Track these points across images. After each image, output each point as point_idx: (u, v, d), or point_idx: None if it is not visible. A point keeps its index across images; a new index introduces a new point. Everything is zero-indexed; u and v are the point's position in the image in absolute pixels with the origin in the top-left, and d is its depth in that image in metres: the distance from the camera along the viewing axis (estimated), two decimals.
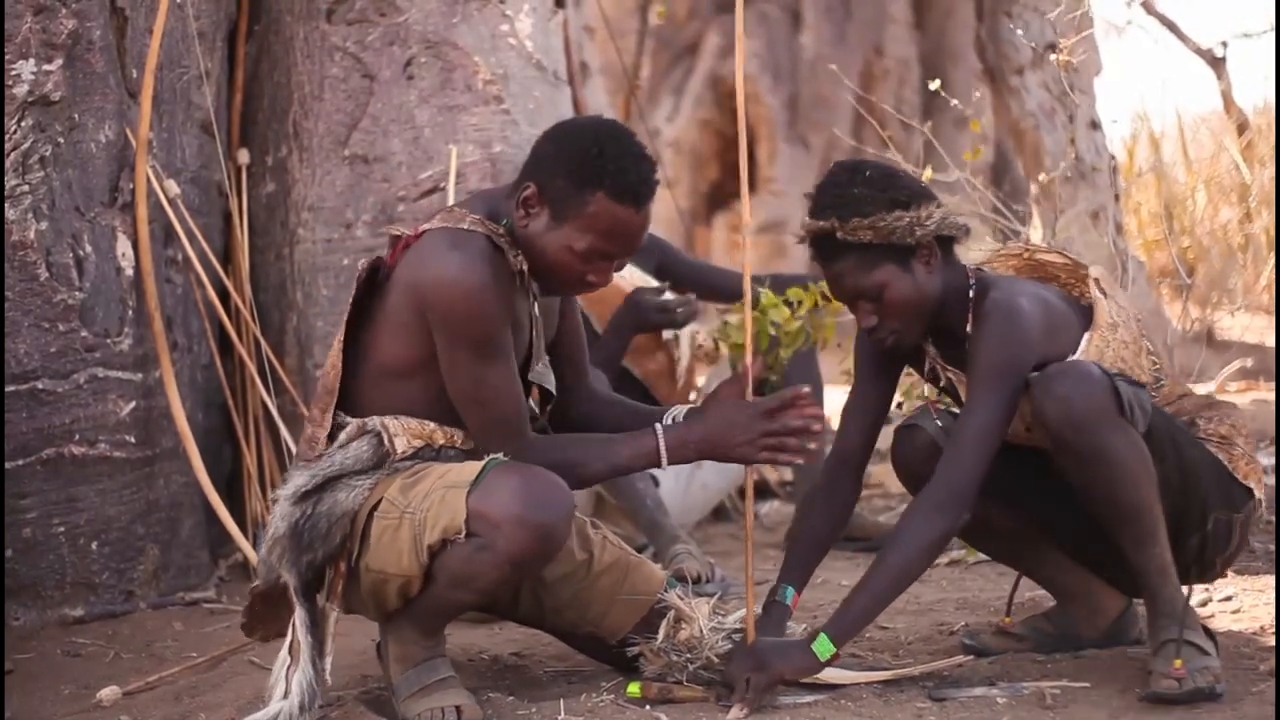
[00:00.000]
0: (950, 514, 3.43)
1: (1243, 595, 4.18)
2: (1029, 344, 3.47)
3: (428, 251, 3.37)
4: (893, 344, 3.62)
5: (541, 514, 3.25)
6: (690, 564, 4.75)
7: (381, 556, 3.36)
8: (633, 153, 3.36)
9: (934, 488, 3.45)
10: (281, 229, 5.55)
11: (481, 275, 3.31)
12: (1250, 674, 3.55)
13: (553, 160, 3.39)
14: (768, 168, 13.01)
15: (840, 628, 3.46)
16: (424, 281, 3.35)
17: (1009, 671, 3.66)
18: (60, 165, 4.66)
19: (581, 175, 3.33)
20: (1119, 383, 3.40)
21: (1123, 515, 3.42)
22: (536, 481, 3.28)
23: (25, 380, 4.57)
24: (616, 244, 3.38)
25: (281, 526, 3.37)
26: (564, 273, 3.41)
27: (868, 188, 3.51)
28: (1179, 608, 3.45)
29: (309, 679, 3.39)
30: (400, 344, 3.42)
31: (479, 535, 3.26)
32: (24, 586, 4.59)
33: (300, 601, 3.40)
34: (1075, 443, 3.37)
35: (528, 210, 3.40)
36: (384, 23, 5.50)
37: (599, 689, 3.60)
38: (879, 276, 3.52)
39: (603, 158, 3.33)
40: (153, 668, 4.18)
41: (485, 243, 3.37)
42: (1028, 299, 3.54)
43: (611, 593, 3.69)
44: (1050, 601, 3.98)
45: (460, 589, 3.35)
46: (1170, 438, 3.53)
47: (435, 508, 3.30)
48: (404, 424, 3.44)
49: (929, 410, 3.78)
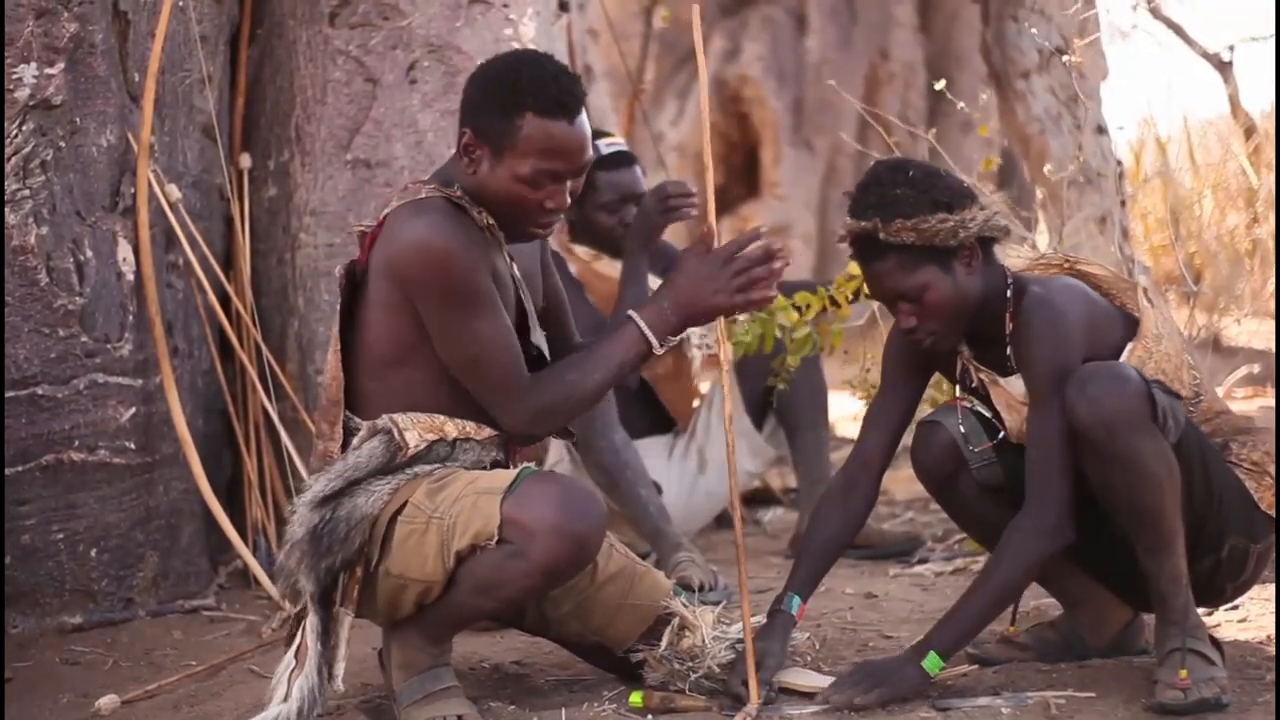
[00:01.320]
0: (1057, 535, 3.45)
1: (1249, 604, 4.16)
2: (1076, 343, 3.47)
3: (394, 228, 3.38)
4: (931, 345, 3.60)
5: (579, 523, 3.25)
6: (693, 572, 4.74)
7: (404, 561, 3.35)
8: (550, 70, 3.39)
9: (1038, 507, 3.44)
10: (283, 234, 5.54)
11: (448, 232, 3.32)
12: (1256, 684, 3.54)
13: (478, 100, 3.41)
14: (772, 171, 13.02)
15: (946, 643, 3.48)
16: (396, 255, 3.35)
17: (1014, 681, 3.64)
18: (61, 169, 4.64)
19: (506, 103, 3.35)
20: (1155, 390, 3.40)
21: (1142, 521, 3.42)
22: (573, 491, 3.29)
23: (25, 386, 4.56)
24: (558, 160, 3.38)
25: (300, 532, 3.35)
26: (520, 205, 3.41)
27: (910, 188, 3.49)
28: (1188, 618, 3.44)
29: (313, 685, 3.37)
30: (391, 329, 3.41)
31: (512, 542, 3.25)
32: (22, 593, 4.57)
33: (315, 608, 3.39)
34: (1104, 443, 3.35)
35: (470, 157, 3.42)
36: (387, 26, 5.49)
37: (601, 698, 3.59)
38: (921, 278, 3.50)
39: (520, 80, 3.36)
40: (152, 676, 4.16)
41: (445, 204, 3.39)
42: (1067, 295, 3.54)
43: (616, 602, 3.67)
44: (1055, 610, 3.97)
45: (484, 596, 3.33)
46: (1200, 454, 3.52)
47: (466, 513, 3.28)
48: (413, 418, 3.42)
49: (954, 408, 3.75)
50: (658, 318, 3.41)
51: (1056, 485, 3.43)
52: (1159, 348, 3.57)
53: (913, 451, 3.80)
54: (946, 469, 3.73)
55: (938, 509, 5.75)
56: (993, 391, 3.64)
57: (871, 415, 3.80)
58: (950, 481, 3.76)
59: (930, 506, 6.02)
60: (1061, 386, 3.41)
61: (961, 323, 3.57)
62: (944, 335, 3.59)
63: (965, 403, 3.77)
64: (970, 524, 3.89)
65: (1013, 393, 3.60)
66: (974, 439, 3.71)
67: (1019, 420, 3.60)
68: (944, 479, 3.76)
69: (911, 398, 3.80)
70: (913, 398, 3.81)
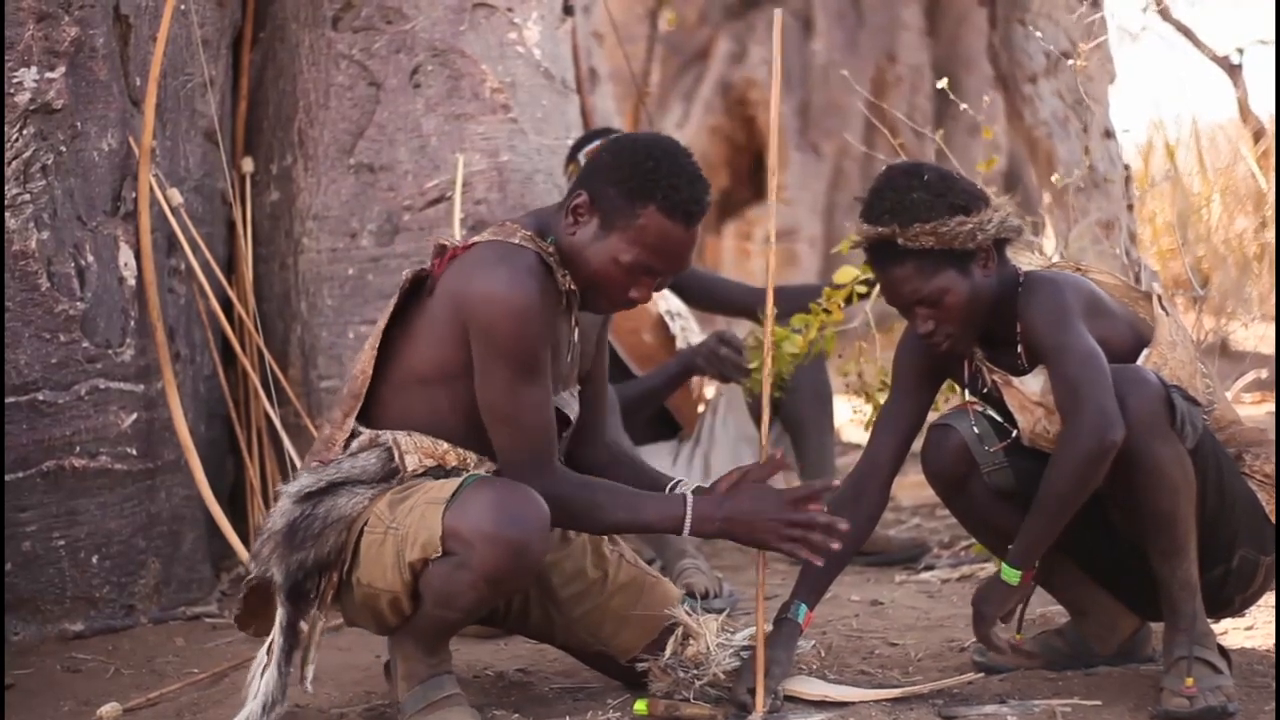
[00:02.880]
0: (1104, 431, 3.34)
1: (1257, 612, 4.14)
2: (1076, 305, 3.47)
3: (476, 263, 3.37)
4: (948, 348, 3.60)
5: (513, 530, 3.24)
6: (698, 579, 4.72)
7: (370, 570, 3.37)
8: (688, 171, 3.39)
9: (1074, 414, 3.37)
10: (286, 238, 5.54)
11: (529, 292, 3.31)
12: (1263, 692, 3.53)
13: (608, 170, 3.40)
14: (778, 175, 13.01)
15: (1019, 555, 3.50)
16: (470, 293, 3.34)
17: (1020, 689, 3.64)
18: (62, 174, 4.64)
19: (635, 186, 3.35)
20: (1175, 395, 3.40)
21: (1157, 525, 3.42)
22: (510, 497, 3.28)
23: (26, 391, 4.55)
24: (662, 259, 3.39)
25: (279, 523, 3.38)
26: (607, 284, 3.42)
27: (927, 192, 3.48)
28: (1196, 626, 3.44)
29: (273, 679, 3.41)
30: (436, 351, 3.42)
31: (455, 553, 3.26)
32: (24, 601, 4.57)
33: (282, 601, 3.41)
34: (1121, 446, 3.35)
35: (577, 218, 3.41)
36: (390, 30, 5.50)
37: (605, 706, 3.60)
38: (940, 282, 3.49)
39: (658, 172, 3.35)
40: (154, 684, 4.16)
41: (535, 259, 3.38)
42: (1071, 277, 3.56)
43: (625, 611, 3.68)
44: (1063, 618, 3.97)
45: (445, 608, 3.35)
46: (1215, 463, 3.51)
47: (415, 525, 3.30)
48: (417, 441, 3.43)
49: (966, 411, 3.74)
50: (704, 518, 3.43)
51: (1090, 391, 3.36)
52: (1173, 355, 3.57)
53: (923, 454, 3.79)
54: (958, 472, 3.72)
55: (944, 515, 5.78)
56: (1006, 393, 3.63)
57: (882, 420, 3.79)
58: (961, 485, 3.74)
59: (936, 513, 6.03)
60: (1071, 324, 3.42)
61: (978, 324, 3.57)
62: (961, 337, 3.58)
63: (976, 406, 3.76)
64: (979, 529, 3.88)
65: (1026, 393, 3.59)
66: (987, 441, 3.70)
67: (1032, 421, 3.59)
68: (955, 482, 3.74)
69: (923, 403, 3.80)
70: (924, 403, 3.80)
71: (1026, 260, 3.67)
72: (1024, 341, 3.55)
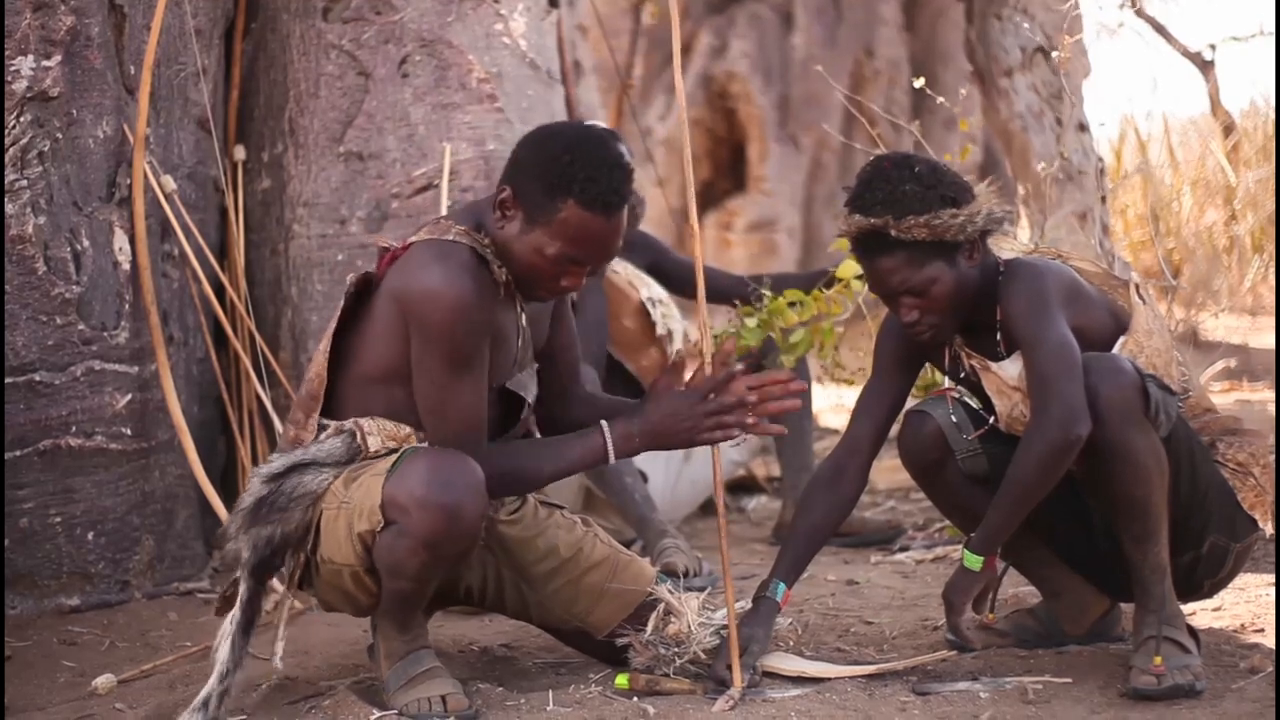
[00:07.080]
0: (1068, 425, 3.38)
1: (1224, 593, 4.17)
2: (1055, 291, 3.50)
3: (413, 263, 3.41)
4: (931, 337, 3.62)
5: (445, 494, 3.28)
6: (678, 559, 4.77)
7: (329, 546, 3.43)
8: (606, 161, 3.38)
9: (1043, 406, 3.40)
10: (277, 225, 5.57)
11: (462, 288, 3.35)
12: (1230, 671, 3.57)
13: (528, 165, 3.42)
14: (758, 167, 13.03)
15: (980, 543, 3.54)
16: (408, 291, 3.39)
17: (992, 666, 3.68)
18: (58, 160, 4.68)
19: (553, 182, 3.36)
20: (1149, 383, 3.43)
21: (1130, 510, 3.45)
22: (441, 463, 3.32)
23: (23, 372, 4.60)
24: (586, 250, 3.41)
25: (247, 500, 3.45)
26: (536, 276, 3.45)
27: (918, 184, 3.49)
28: (1165, 606, 3.48)
29: (226, 652, 3.46)
30: (383, 351, 3.47)
31: (395, 522, 3.32)
32: (21, 576, 4.61)
33: (245, 576, 3.47)
34: (1096, 432, 3.38)
35: (504, 213, 3.44)
36: (379, 21, 5.52)
37: (588, 680, 3.63)
38: (929, 272, 3.51)
39: (574, 165, 3.35)
40: (147, 656, 4.20)
41: (469, 254, 3.41)
42: (1051, 264, 3.59)
43: (600, 588, 3.72)
44: (1034, 599, 4.00)
45: (396, 578, 3.40)
46: (1188, 451, 3.55)
47: (360, 497, 3.36)
48: (379, 424, 3.49)
49: (944, 398, 3.78)
50: (624, 438, 3.49)
51: (1060, 385, 3.40)
52: (1150, 343, 3.59)
53: (900, 440, 3.81)
54: (933, 457, 3.75)
55: (919, 498, 5.80)
56: (984, 378, 3.66)
57: (861, 404, 3.79)
58: (936, 470, 3.77)
59: (911, 495, 6.06)
60: (1048, 311, 3.45)
61: (961, 312, 3.59)
62: (944, 326, 3.60)
63: (954, 393, 3.81)
64: (954, 512, 3.91)
65: (1004, 378, 3.62)
66: (964, 428, 3.73)
67: (1009, 405, 3.63)
68: (930, 467, 3.77)
69: (902, 388, 3.81)
70: (903, 388, 3.81)
71: (1008, 248, 3.71)
72: (1003, 328, 3.58)
